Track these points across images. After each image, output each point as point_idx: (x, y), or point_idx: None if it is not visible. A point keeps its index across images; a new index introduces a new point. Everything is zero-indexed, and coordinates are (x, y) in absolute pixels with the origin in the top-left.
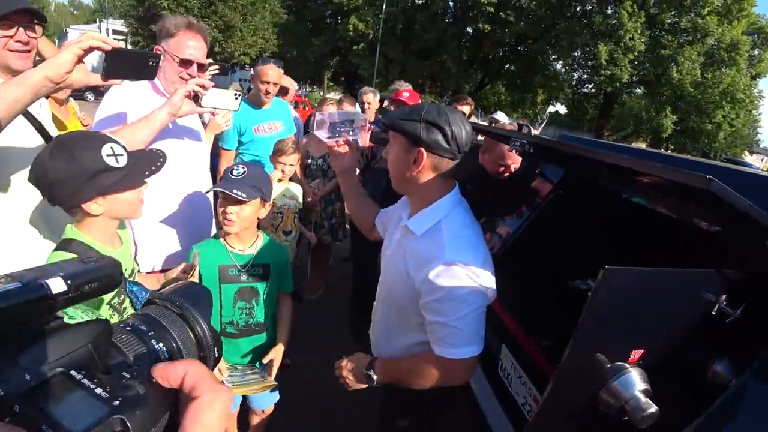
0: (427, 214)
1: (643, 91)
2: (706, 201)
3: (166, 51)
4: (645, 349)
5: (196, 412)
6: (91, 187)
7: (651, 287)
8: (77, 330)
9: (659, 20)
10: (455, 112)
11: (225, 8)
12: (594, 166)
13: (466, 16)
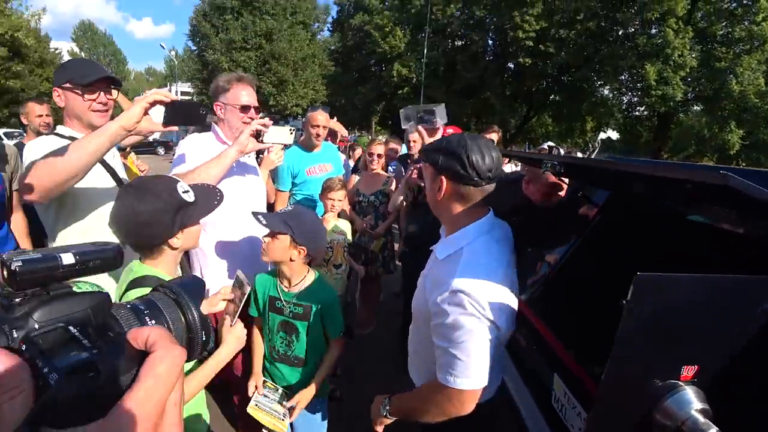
0: (452, 240)
1: (701, 108)
2: (737, 201)
3: (225, 104)
4: (699, 366)
5: (150, 364)
6: (176, 222)
7: (694, 296)
8: (81, 297)
9: (710, 33)
10: (477, 140)
11: (278, 65)
12: (628, 182)
13: (505, 52)
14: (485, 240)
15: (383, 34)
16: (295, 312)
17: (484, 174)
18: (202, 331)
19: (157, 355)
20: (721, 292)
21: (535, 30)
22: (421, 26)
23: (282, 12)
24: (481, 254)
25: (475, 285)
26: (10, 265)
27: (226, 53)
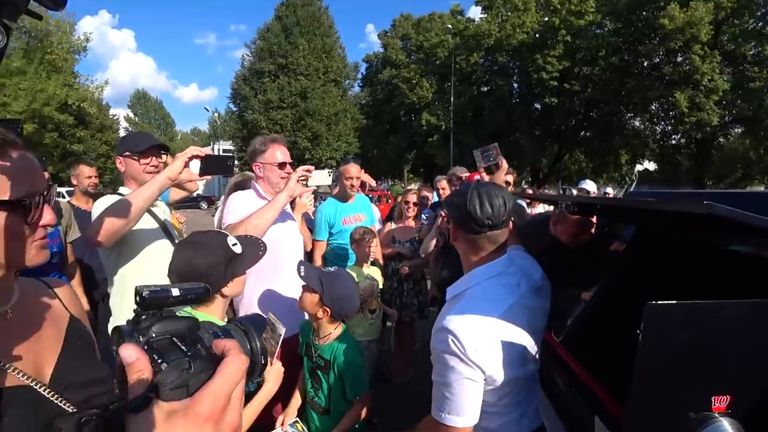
0: (460, 282)
1: (742, 130)
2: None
3: (264, 163)
4: (732, 396)
5: (224, 364)
6: (228, 272)
7: (713, 322)
8: (181, 319)
9: (739, 54)
10: (480, 189)
11: (313, 122)
12: (631, 215)
13: (531, 93)
14: (490, 283)
15: (411, 86)
16: (318, 362)
17: (482, 222)
18: (262, 356)
19: (229, 359)
20: (748, 318)
21: (558, 70)
22: (447, 76)
23: (315, 72)
24: (478, 297)
25: (462, 326)
26: (142, 293)
27: (264, 113)
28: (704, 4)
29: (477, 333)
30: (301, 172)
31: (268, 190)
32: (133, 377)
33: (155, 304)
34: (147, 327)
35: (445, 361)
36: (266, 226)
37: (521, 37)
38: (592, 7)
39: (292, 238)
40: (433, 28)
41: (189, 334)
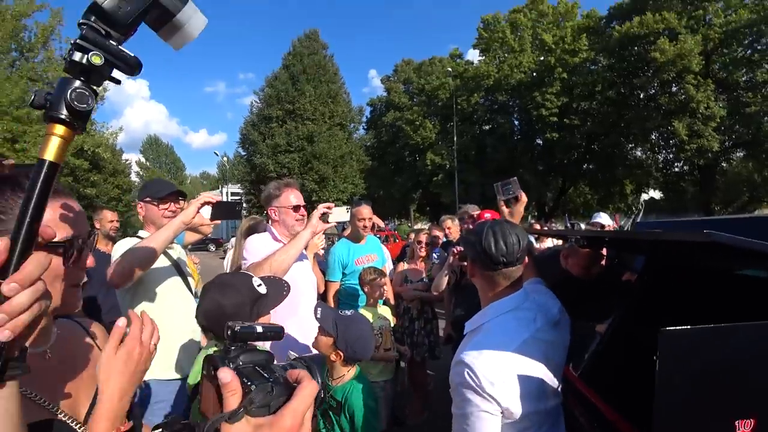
0: (477, 317)
1: (744, 154)
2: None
3: (279, 207)
4: (755, 419)
5: (300, 389)
6: (253, 312)
7: (729, 346)
8: (260, 352)
9: (732, 81)
10: (495, 227)
11: (319, 164)
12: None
13: (532, 130)
14: (505, 318)
15: (414, 127)
16: (330, 403)
17: (497, 259)
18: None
19: (304, 384)
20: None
21: (557, 106)
22: (449, 116)
23: (321, 117)
24: (494, 332)
25: (477, 360)
26: (234, 328)
27: (272, 156)
28: (692, 36)
29: (492, 366)
30: (322, 210)
31: (283, 233)
32: (228, 395)
33: (243, 338)
34: (235, 356)
35: (462, 394)
36: (291, 262)
37: (519, 76)
38: (585, 45)
39: (306, 279)
40: (434, 72)
41: (267, 364)
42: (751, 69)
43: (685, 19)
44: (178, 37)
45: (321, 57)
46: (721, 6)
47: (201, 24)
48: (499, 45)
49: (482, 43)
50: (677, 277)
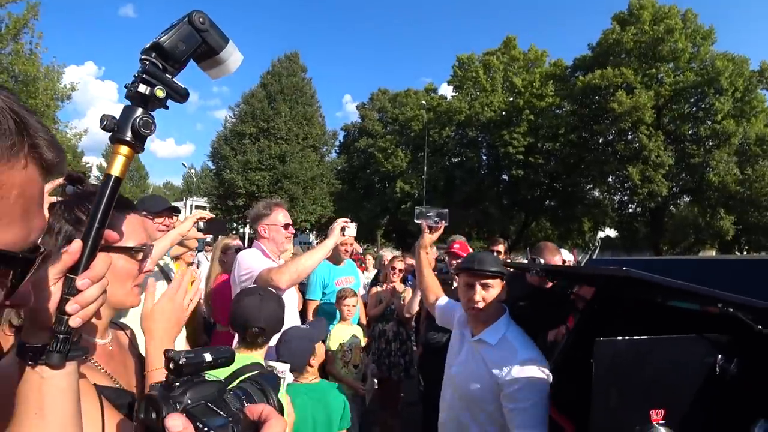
0: (495, 330)
1: (689, 199)
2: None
3: (269, 225)
4: (665, 409)
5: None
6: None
7: (645, 353)
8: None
9: (680, 134)
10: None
11: (290, 184)
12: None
13: (499, 165)
14: (514, 325)
15: (386, 155)
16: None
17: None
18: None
19: (272, 422)
20: (674, 349)
21: (523, 145)
22: (420, 147)
23: (295, 138)
24: (521, 335)
25: (534, 355)
26: (178, 360)
27: (242, 173)
28: (646, 91)
29: (541, 357)
30: (342, 223)
31: (272, 250)
32: None
33: (190, 371)
34: (181, 393)
35: (533, 386)
36: (314, 266)
37: (489, 114)
38: (552, 91)
39: (289, 296)
40: (408, 103)
41: (219, 397)
42: (695, 124)
43: (641, 76)
44: (218, 71)
45: (299, 79)
46: (671, 67)
47: (238, 61)
48: (472, 84)
49: (456, 80)
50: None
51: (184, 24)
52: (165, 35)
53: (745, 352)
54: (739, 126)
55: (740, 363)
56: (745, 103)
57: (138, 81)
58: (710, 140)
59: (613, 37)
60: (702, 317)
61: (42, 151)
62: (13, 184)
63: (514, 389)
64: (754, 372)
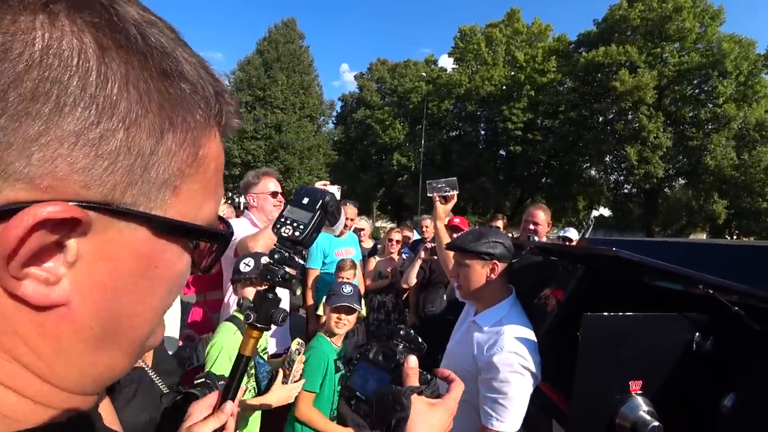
0: (493, 312)
1: (684, 182)
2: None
3: (257, 194)
4: (643, 380)
5: (456, 385)
6: None
7: (629, 329)
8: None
9: (680, 116)
10: (498, 231)
11: (286, 154)
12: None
13: (497, 141)
14: (517, 311)
15: (383, 126)
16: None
17: (510, 256)
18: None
19: (457, 382)
20: (652, 324)
21: (522, 121)
22: (418, 119)
23: (291, 107)
24: (518, 322)
25: (522, 347)
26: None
27: (237, 142)
28: (649, 71)
29: (531, 349)
30: (320, 186)
31: (261, 219)
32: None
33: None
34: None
35: (509, 379)
36: None
37: (489, 88)
38: (554, 67)
39: None
40: (408, 74)
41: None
42: (696, 107)
43: (645, 55)
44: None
45: (297, 46)
46: (676, 47)
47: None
48: (474, 56)
49: (457, 52)
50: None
51: (319, 213)
52: (305, 233)
53: (720, 331)
54: (740, 110)
55: (715, 341)
56: (748, 87)
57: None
58: (710, 124)
59: (620, 13)
60: (685, 297)
61: (230, 118)
62: (212, 155)
63: (489, 377)
64: (727, 349)
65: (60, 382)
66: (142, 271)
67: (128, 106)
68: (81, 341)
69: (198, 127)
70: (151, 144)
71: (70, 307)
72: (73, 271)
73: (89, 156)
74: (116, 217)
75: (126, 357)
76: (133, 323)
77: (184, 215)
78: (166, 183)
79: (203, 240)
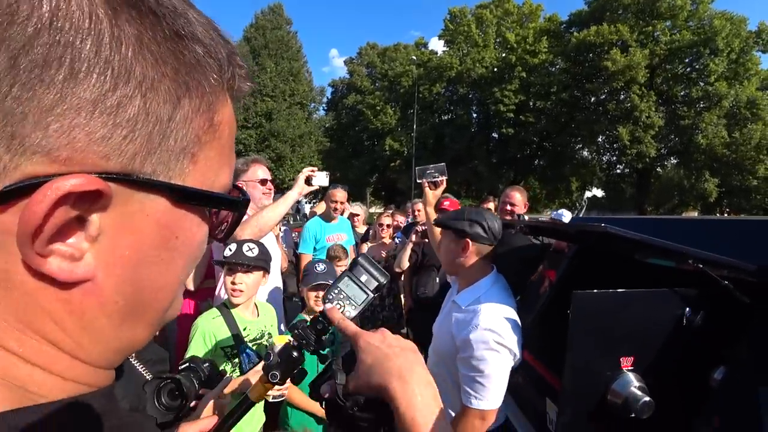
0: (471, 291)
1: (676, 161)
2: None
3: (246, 181)
4: (634, 356)
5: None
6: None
7: (619, 305)
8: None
9: (671, 95)
10: (488, 211)
11: (277, 142)
12: (562, 235)
13: (489, 123)
14: (497, 288)
15: (375, 112)
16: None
17: (498, 235)
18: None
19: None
20: (643, 301)
21: (514, 103)
22: (410, 104)
23: (281, 94)
24: (498, 299)
25: (496, 325)
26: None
27: None
28: (641, 50)
29: (509, 326)
30: (307, 172)
31: (251, 206)
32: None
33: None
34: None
35: (486, 357)
36: (278, 219)
37: (481, 71)
38: (545, 48)
39: (273, 253)
40: (398, 58)
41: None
42: (688, 86)
43: (636, 33)
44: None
45: (284, 33)
46: (668, 25)
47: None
48: (464, 38)
49: (447, 35)
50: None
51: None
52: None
53: (710, 306)
54: (731, 88)
55: (705, 315)
56: (740, 65)
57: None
58: (701, 102)
59: None
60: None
61: (242, 82)
62: (226, 121)
63: (466, 356)
64: (716, 323)
65: (87, 356)
66: (163, 243)
67: (144, 71)
68: (106, 315)
69: (213, 92)
70: (169, 110)
71: (95, 282)
72: (97, 245)
73: (108, 125)
74: (136, 188)
75: (148, 328)
76: (157, 295)
77: (203, 183)
78: (184, 151)
79: (222, 208)
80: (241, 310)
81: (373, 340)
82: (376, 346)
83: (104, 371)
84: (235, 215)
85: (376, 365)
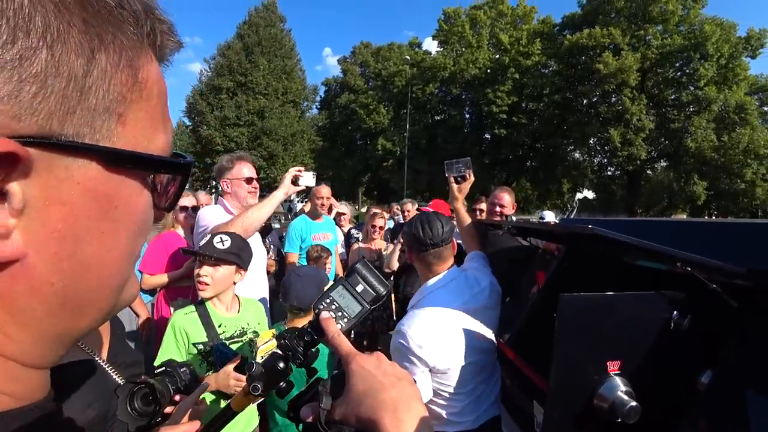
0: (418, 294)
1: (666, 164)
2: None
3: (231, 179)
4: (621, 360)
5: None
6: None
7: (606, 308)
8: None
9: (662, 98)
10: (425, 217)
11: (269, 141)
12: (548, 236)
13: (482, 124)
14: (439, 292)
15: (368, 111)
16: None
17: (426, 242)
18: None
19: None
20: (630, 304)
21: (507, 104)
22: (403, 104)
23: (274, 92)
24: (427, 304)
25: (416, 327)
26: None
27: (219, 129)
28: (633, 53)
29: (421, 332)
30: (294, 173)
31: (235, 205)
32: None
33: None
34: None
35: (400, 357)
36: (263, 219)
37: (474, 71)
38: (539, 49)
39: (257, 251)
40: (392, 58)
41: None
42: (678, 90)
43: (629, 37)
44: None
45: (278, 30)
46: (659, 29)
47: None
48: (458, 39)
49: (441, 35)
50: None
51: (369, 310)
52: (348, 326)
53: (698, 309)
54: (720, 93)
55: (693, 319)
56: (729, 69)
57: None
58: (691, 106)
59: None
60: (664, 275)
61: (165, 38)
62: (153, 79)
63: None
64: (704, 327)
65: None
66: (101, 213)
67: (46, 20)
68: (40, 300)
69: (132, 47)
70: (82, 64)
71: (24, 263)
72: (24, 220)
73: (12, 80)
74: (59, 152)
75: (96, 312)
76: (102, 272)
77: (135, 146)
78: (109, 110)
79: (162, 171)
80: (217, 306)
81: (368, 365)
82: (370, 373)
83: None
84: (179, 180)
85: (368, 395)
